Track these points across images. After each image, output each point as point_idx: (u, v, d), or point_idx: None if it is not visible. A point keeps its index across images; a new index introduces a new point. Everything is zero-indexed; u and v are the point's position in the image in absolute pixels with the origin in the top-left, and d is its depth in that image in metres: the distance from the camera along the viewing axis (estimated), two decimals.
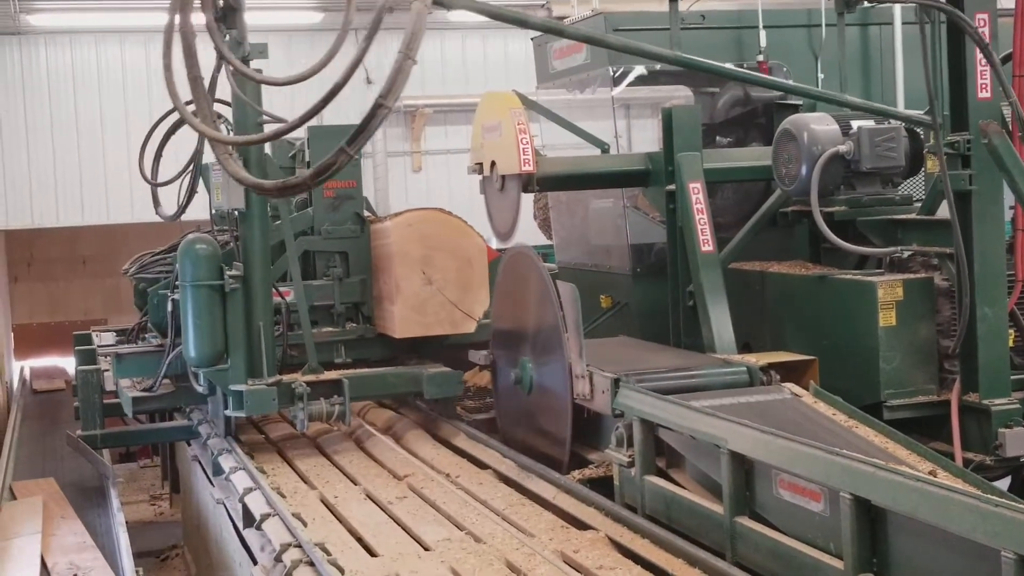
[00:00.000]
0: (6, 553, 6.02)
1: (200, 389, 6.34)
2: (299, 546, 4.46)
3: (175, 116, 6.37)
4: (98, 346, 8.10)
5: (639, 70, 7.66)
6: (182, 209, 6.71)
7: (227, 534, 5.82)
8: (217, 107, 5.63)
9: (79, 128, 13.55)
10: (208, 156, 7.33)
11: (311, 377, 5.99)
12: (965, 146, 5.21)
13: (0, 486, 7.30)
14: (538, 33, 9.23)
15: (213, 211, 6.74)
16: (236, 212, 5.90)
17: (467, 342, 6.50)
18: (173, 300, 6.27)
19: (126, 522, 7.68)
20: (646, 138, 7.86)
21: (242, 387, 5.83)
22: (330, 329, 6.52)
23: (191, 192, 6.64)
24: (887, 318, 5.53)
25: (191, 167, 6.68)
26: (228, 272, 5.80)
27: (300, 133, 6.56)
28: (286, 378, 5.93)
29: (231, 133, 5.76)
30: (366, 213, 6.76)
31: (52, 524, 6.71)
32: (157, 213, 7.06)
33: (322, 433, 6.52)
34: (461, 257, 6.27)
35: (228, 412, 6.05)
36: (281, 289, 6.22)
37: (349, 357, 6.49)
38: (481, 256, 6.28)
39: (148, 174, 7.33)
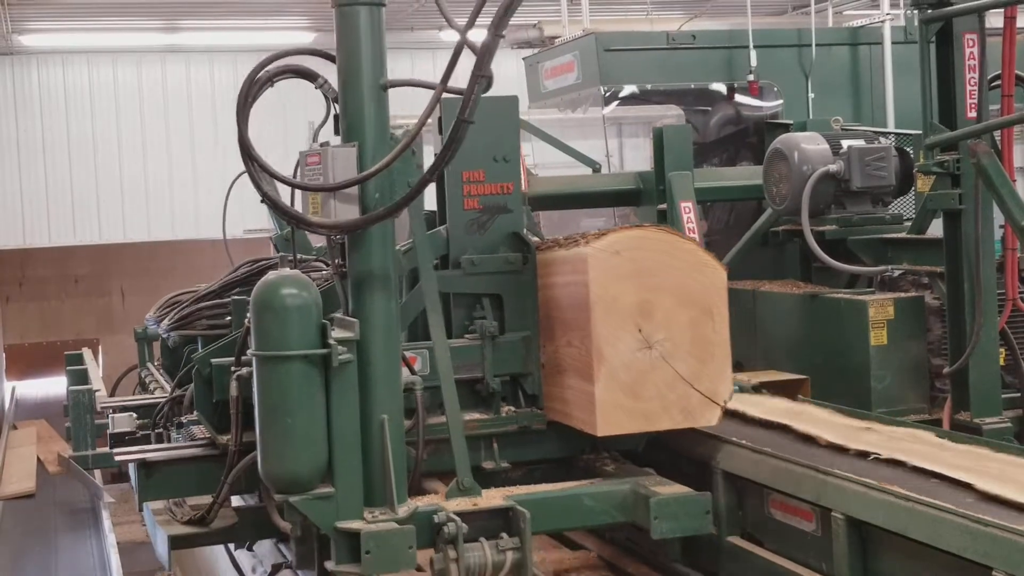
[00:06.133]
0: (15, 454, 10.39)
1: (284, 526, 3.80)
2: (290, 567, 4.44)
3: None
4: (112, 434, 5.33)
5: (630, 90, 7.71)
6: (404, 204, 3.66)
7: (218, 554, 5.80)
8: (318, 65, 3.99)
9: (71, 148, 13.58)
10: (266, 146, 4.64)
11: (464, 504, 3.72)
12: (955, 166, 5.24)
13: (7, 424, 11.87)
14: (530, 52, 9.28)
15: (275, 232, 4.63)
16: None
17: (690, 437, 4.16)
18: (239, 378, 3.89)
19: (117, 543, 7.68)
20: (637, 157, 7.91)
21: (358, 526, 3.53)
22: (477, 416, 4.14)
23: (436, 173, 3.70)
24: (878, 337, 5.54)
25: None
26: (333, 333, 3.53)
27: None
28: (423, 504, 3.69)
29: (334, 102, 3.77)
30: (530, 235, 4.44)
31: (43, 441, 11.04)
32: (308, 227, 3.82)
33: None
34: (698, 304, 3.96)
35: (334, 567, 3.57)
36: (406, 355, 3.94)
37: (505, 459, 4.15)
38: (724, 302, 4.03)
39: (263, 163, 3.78)
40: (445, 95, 3.66)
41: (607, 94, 7.63)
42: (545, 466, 4.25)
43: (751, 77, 7.55)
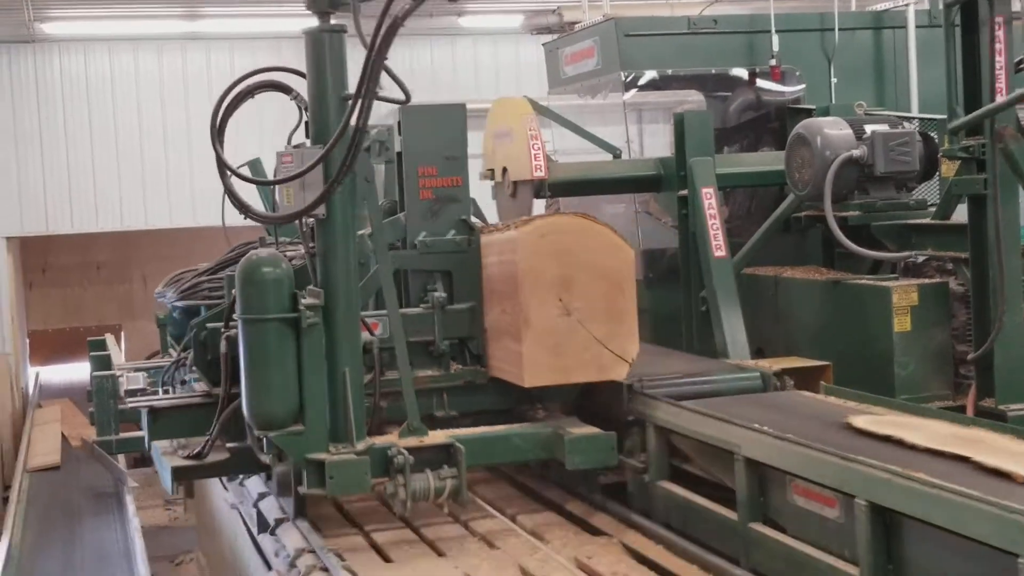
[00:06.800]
0: (40, 431, 11.60)
1: (265, 458, 4.72)
2: (313, 551, 4.47)
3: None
4: (126, 391, 6.55)
5: (650, 75, 7.67)
6: (318, 202, 4.35)
7: (241, 539, 5.84)
8: (288, 78, 4.77)
9: (93, 135, 13.62)
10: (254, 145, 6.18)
11: (412, 441, 4.46)
12: (980, 150, 5.19)
13: (33, 402, 13.56)
14: (550, 38, 9.25)
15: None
16: (312, 220, 4.51)
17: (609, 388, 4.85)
18: (228, 338, 4.75)
19: (141, 527, 7.76)
20: (658, 143, 7.87)
21: (323, 457, 4.35)
22: (429, 372, 4.96)
23: (344, 176, 4.28)
24: (902, 323, 5.51)
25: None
26: (303, 301, 4.35)
27: (381, 117, 5.15)
28: (378, 441, 4.48)
29: (306, 111, 4.56)
30: (475, 220, 5.29)
31: (66, 419, 12.23)
32: (253, 217, 4.80)
33: (424, 516, 4.86)
34: (609, 279, 4.69)
35: (304, 490, 4.45)
36: (368, 321, 4.79)
37: (453, 409, 4.97)
38: (632, 277, 4.76)
39: (229, 163, 4.71)
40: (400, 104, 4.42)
41: (627, 80, 7.60)
42: (488, 415, 4.98)
43: (773, 62, 7.50)
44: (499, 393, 5.00)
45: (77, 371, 14.61)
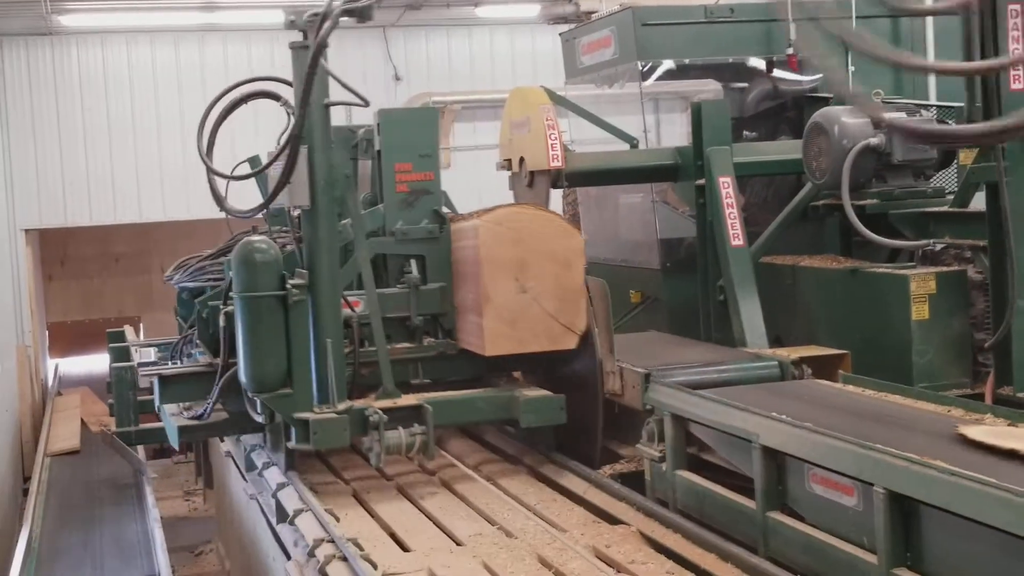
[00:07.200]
0: (61, 417, 11.80)
1: (258, 418, 5.39)
2: (332, 541, 4.49)
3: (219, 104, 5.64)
4: (139, 363, 7.45)
5: (668, 64, 7.65)
6: (269, 200, 5.19)
7: (260, 529, 5.87)
8: (278, 87, 5.36)
9: (111, 127, 13.67)
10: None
11: (387, 403, 5.08)
12: None
13: (52, 390, 13.83)
14: (566, 28, 9.24)
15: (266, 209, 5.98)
16: (298, 210, 5.12)
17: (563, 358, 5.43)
18: (226, 313, 5.34)
19: (160, 518, 7.81)
20: (675, 132, 7.86)
21: (308, 416, 4.98)
22: (405, 345, 5.58)
23: (284, 182, 4.99)
24: (920, 311, 5.50)
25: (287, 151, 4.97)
26: (290, 281, 4.95)
27: (364, 119, 5.89)
28: (357, 404, 5.08)
29: (292, 115, 5.03)
30: (445, 210, 5.85)
31: (86, 406, 12.44)
32: (226, 211, 5.51)
33: (400, 470, 5.52)
34: (560, 261, 5.28)
35: (292, 445, 5.11)
36: (350, 299, 5.40)
37: (427, 377, 5.60)
38: (580, 259, 5.32)
39: (212, 165, 5.57)
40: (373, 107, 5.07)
41: (644, 69, 7.58)
42: (459, 383, 5.58)
43: (790, 50, 7.47)
44: (467, 363, 5.59)
45: (96, 363, 14.70)
